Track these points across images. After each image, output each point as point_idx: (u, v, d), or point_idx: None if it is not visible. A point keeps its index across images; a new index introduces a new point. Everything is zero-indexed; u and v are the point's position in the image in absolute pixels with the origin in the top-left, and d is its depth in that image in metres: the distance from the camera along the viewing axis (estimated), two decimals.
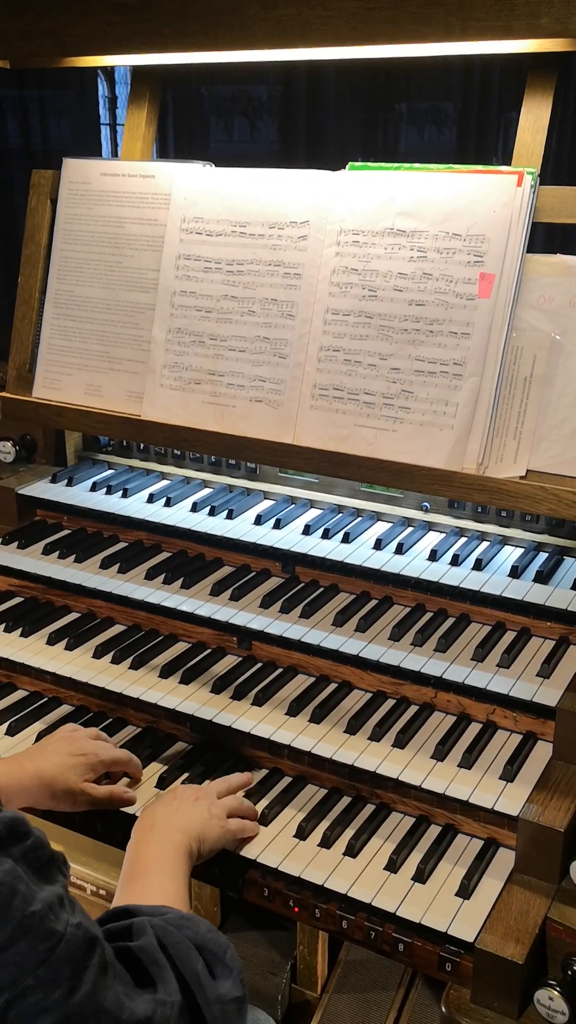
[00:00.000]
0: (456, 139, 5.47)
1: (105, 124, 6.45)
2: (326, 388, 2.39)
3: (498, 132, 5.41)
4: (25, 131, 5.71)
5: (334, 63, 2.40)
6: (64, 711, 2.33)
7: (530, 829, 1.79)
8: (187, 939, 1.38)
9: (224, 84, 5.72)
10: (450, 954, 1.71)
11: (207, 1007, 1.33)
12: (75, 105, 5.94)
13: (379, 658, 2.18)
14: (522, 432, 2.20)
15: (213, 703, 2.18)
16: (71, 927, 1.17)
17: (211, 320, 2.55)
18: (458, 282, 2.24)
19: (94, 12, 2.42)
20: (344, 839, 1.90)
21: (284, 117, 5.71)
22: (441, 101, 5.36)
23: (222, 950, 1.41)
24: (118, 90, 6.46)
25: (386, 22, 2.12)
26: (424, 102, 5.45)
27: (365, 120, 5.52)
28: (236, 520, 2.62)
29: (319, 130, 5.54)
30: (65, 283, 2.82)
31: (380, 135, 5.56)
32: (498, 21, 2.00)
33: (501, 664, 2.12)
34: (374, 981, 2.60)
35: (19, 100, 5.67)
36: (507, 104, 5.26)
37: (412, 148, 5.58)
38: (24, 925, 1.12)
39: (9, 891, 1.12)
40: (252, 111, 5.82)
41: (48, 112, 5.84)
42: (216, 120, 5.93)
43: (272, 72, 5.46)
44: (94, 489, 2.85)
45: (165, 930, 1.37)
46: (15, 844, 1.17)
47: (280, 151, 5.69)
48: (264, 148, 5.78)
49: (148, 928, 1.36)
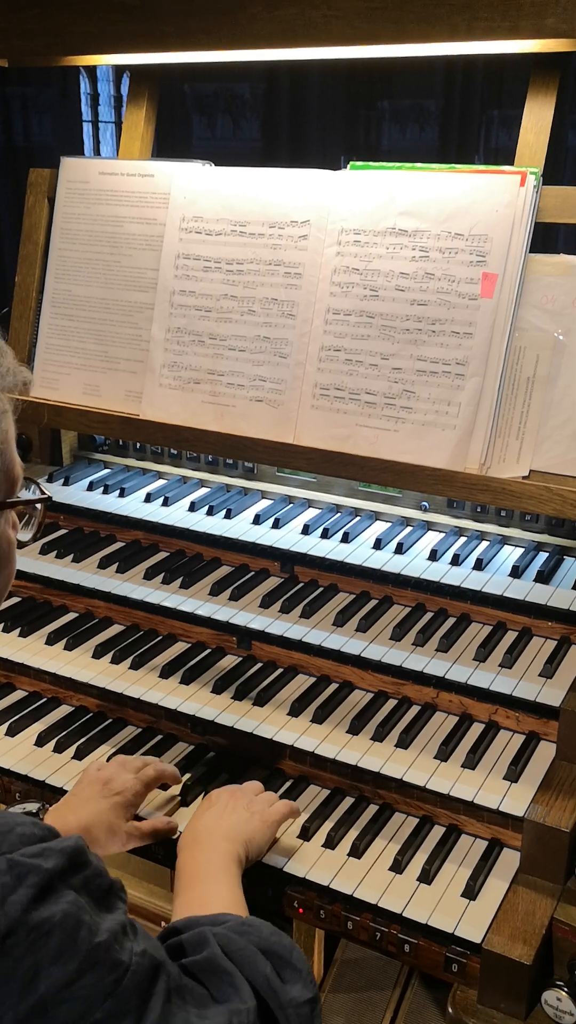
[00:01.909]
0: (438, 137, 5.48)
1: (87, 121, 6.43)
2: (327, 388, 2.39)
3: (480, 130, 5.43)
4: (7, 128, 5.68)
5: (317, 61, 2.40)
6: (63, 711, 2.32)
7: (535, 830, 1.79)
8: (251, 944, 1.37)
9: (207, 81, 5.71)
10: (456, 955, 1.71)
11: (281, 1012, 1.33)
12: (57, 102, 5.92)
13: (380, 658, 2.18)
14: (525, 432, 2.20)
15: (214, 703, 2.18)
16: (136, 956, 1.17)
17: (211, 319, 2.54)
18: (460, 282, 2.24)
19: (95, 11, 2.41)
20: (348, 840, 1.90)
21: (267, 114, 5.70)
22: (423, 99, 5.37)
23: (288, 952, 1.40)
24: (100, 87, 6.44)
25: (390, 22, 2.12)
26: (406, 100, 5.46)
27: (348, 118, 5.52)
28: (234, 520, 2.62)
29: (302, 127, 5.54)
30: (63, 282, 2.80)
31: (362, 133, 5.56)
32: (504, 21, 2.01)
33: (503, 664, 2.12)
34: (370, 980, 2.59)
35: (1, 97, 5.64)
36: (489, 102, 5.27)
37: (395, 146, 5.58)
38: (91, 958, 1.12)
39: (75, 923, 1.12)
40: (235, 108, 5.81)
41: (30, 109, 5.81)
42: (199, 117, 5.92)
43: (255, 70, 5.45)
44: (91, 488, 2.84)
45: (227, 938, 1.37)
46: (76, 874, 1.17)
47: (263, 148, 5.69)
48: (247, 145, 5.77)
49: (210, 939, 1.36)
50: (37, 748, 2.19)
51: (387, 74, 5.31)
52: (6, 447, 1.30)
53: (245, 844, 1.75)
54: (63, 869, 1.15)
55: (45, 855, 1.14)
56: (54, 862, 1.14)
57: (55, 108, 5.86)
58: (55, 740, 2.19)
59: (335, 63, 2.43)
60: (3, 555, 1.36)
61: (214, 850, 1.71)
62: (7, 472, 1.31)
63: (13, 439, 1.32)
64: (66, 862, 1.15)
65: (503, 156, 2.19)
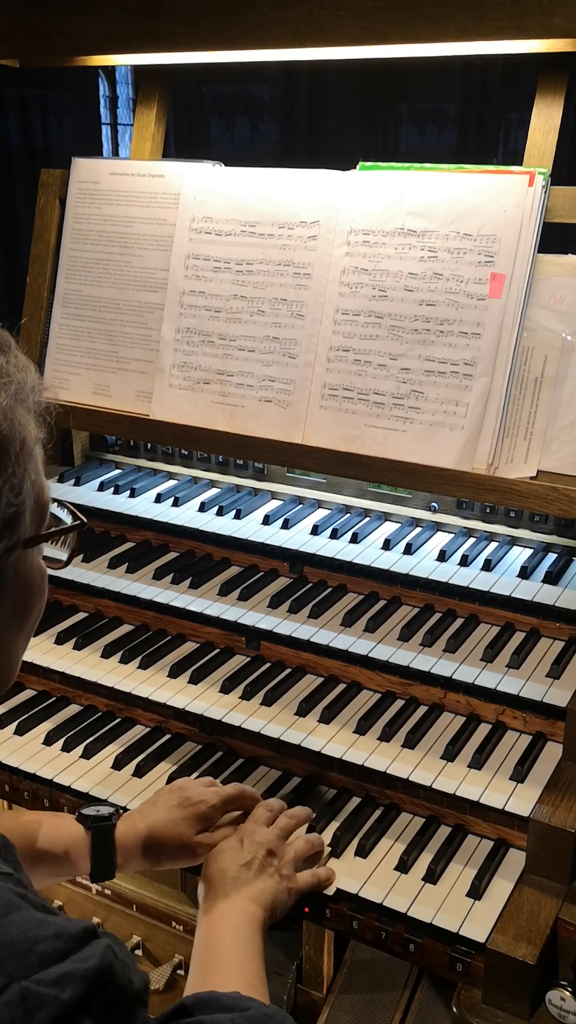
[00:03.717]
0: (457, 140, 5.46)
1: (106, 124, 6.44)
2: (336, 388, 2.39)
3: (499, 132, 5.41)
4: (26, 131, 5.69)
5: (335, 62, 2.39)
6: (72, 711, 2.33)
7: (541, 830, 1.79)
8: None
9: (225, 84, 5.71)
10: (461, 954, 1.71)
11: None
12: (76, 105, 5.92)
13: (388, 658, 2.18)
14: (533, 432, 2.20)
15: (222, 703, 2.18)
16: None
17: (220, 320, 2.55)
18: (469, 282, 2.24)
19: (105, 11, 2.42)
20: (355, 840, 1.90)
21: (285, 117, 5.69)
22: (442, 102, 5.35)
23: None
24: (119, 90, 6.45)
25: (399, 22, 2.12)
26: (425, 102, 5.44)
27: (366, 120, 5.51)
28: (244, 520, 2.62)
29: (320, 130, 5.53)
30: (74, 283, 2.81)
31: (381, 135, 5.55)
32: (511, 21, 2.00)
33: (511, 665, 2.12)
34: (380, 981, 2.59)
35: (20, 99, 5.66)
36: (508, 105, 5.25)
37: (413, 148, 5.57)
38: None
39: None
40: (253, 111, 5.81)
41: (49, 112, 5.82)
42: (217, 120, 5.92)
43: (273, 72, 5.45)
44: (101, 489, 2.85)
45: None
46: (98, 997, 1.08)
47: (281, 151, 5.68)
48: (265, 148, 5.77)
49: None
50: (45, 747, 2.20)
51: (405, 76, 5.31)
52: (37, 477, 1.23)
53: (272, 911, 1.70)
54: (83, 997, 1.06)
55: (63, 983, 1.05)
56: (72, 991, 1.05)
57: (74, 110, 5.87)
58: (63, 739, 2.20)
59: (352, 65, 2.43)
60: (37, 587, 1.30)
61: (244, 914, 1.66)
62: (38, 501, 1.25)
63: (42, 466, 1.28)
64: (87, 989, 1.06)
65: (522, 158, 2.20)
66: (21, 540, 1.21)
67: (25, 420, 1.19)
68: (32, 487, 1.21)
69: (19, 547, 1.21)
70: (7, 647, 1.29)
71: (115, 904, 2.53)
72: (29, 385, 1.23)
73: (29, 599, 1.30)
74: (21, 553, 1.23)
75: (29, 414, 1.21)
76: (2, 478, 1.14)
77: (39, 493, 1.25)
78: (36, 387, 1.24)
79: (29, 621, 1.32)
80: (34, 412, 1.23)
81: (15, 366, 1.22)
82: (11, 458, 1.15)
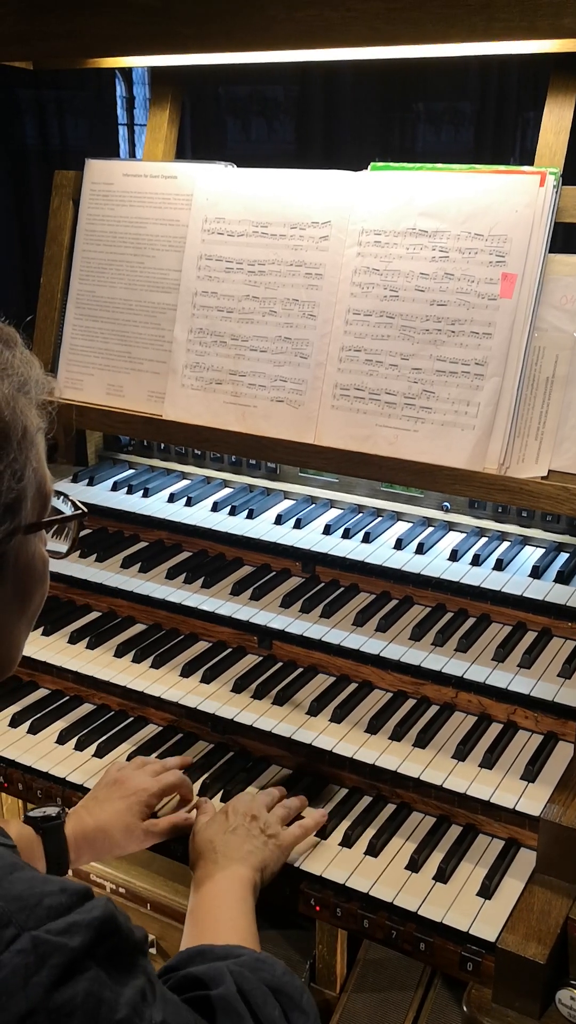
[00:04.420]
0: (474, 139, 5.45)
1: (123, 124, 6.46)
2: (347, 388, 2.40)
3: (516, 132, 5.40)
4: (43, 132, 5.72)
5: (351, 62, 2.40)
6: (85, 710, 2.34)
7: (552, 830, 1.79)
8: (263, 983, 1.37)
9: (241, 84, 5.72)
10: (471, 954, 1.71)
11: None
12: (93, 106, 5.94)
13: (400, 658, 2.19)
14: (544, 432, 2.20)
15: (234, 702, 2.19)
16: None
17: (232, 320, 2.56)
18: (480, 282, 2.24)
19: (115, 13, 2.43)
20: (365, 838, 1.91)
21: (301, 117, 5.69)
22: (458, 101, 5.34)
23: (299, 993, 1.40)
24: (135, 90, 6.46)
25: (409, 23, 2.11)
26: (441, 102, 5.43)
27: (382, 120, 5.50)
28: (256, 520, 2.62)
29: (336, 130, 5.53)
30: (87, 284, 2.83)
31: (397, 135, 5.54)
32: (522, 21, 2.00)
33: (522, 664, 2.12)
34: (393, 981, 2.59)
35: (37, 101, 5.68)
36: (525, 104, 5.24)
37: (429, 148, 5.56)
38: None
39: (96, 1002, 1.10)
40: (269, 111, 5.80)
41: (66, 113, 5.84)
42: (233, 120, 5.92)
43: (289, 72, 5.45)
44: (115, 489, 2.86)
45: (242, 976, 1.36)
46: (103, 945, 1.14)
47: (297, 151, 5.68)
48: (281, 148, 5.76)
49: (227, 975, 1.35)
50: (58, 746, 2.21)
51: (421, 76, 5.30)
52: (39, 465, 1.28)
53: (261, 871, 1.75)
54: (90, 944, 1.12)
55: (72, 932, 1.11)
56: (80, 939, 1.11)
57: (90, 111, 5.88)
58: (76, 738, 2.21)
59: (368, 65, 2.43)
60: (39, 574, 1.35)
61: (234, 876, 1.72)
62: (40, 489, 1.30)
63: (44, 456, 1.32)
64: (93, 936, 1.12)
65: None
66: (22, 525, 1.25)
67: (27, 409, 1.24)
68: (34, 475, 1.26)
69: (20, 532, 1.25)
70: (9, 631, 1.33)
71: (129, 903, 2.54)
72: (33, 379, 1.27)
73: (30, 585, 1.33)
74: (23, 539, 1.27)
75: (31, 405, 1.26)
76: (3, 463, 1.18)
77: (41, 481, 1.30)
78: (40, 381, 1.29)
79: (30, 607, 1.36)
80: (36, 403, 1.27)
81: (20, 360, 1.26)
82: (12, 444, 1.19)
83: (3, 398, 1.20)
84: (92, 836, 1.85)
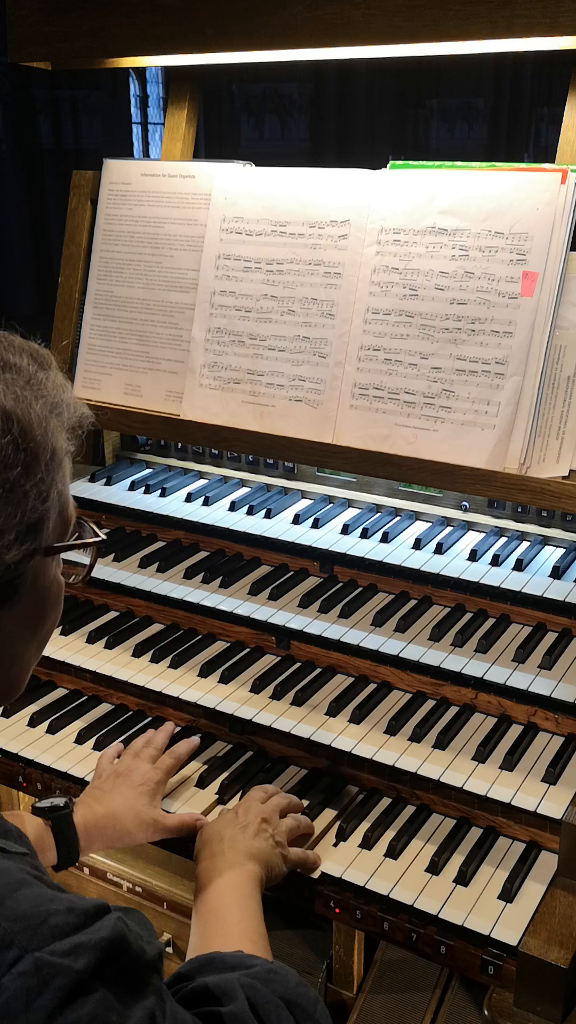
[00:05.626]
0: (487, 135, 5.45)
1: (136, 123, 6.47)
2: (366, 387, 2.39)
3: (529, 128, 5.39)
4: (57, 131, 5.73)
5: (365, 60, 2.39)
6: (103, 709, 2.33)
7: (573, 832, 1.77)
8: (276, 996, 1.34)
9: (255, 82, 5.71)
10: (492, 957, 1.70)
11: None
12: (107, 105, 5.94)
13: (419, 658, 2.17)
14: (565, 432, 2.18)
15: (252, 703, 2.18)
16: None
17: (251, 320, 2.55)
18: (500, 280, 2.23)
19: (135, 13, 2.43)
20: (385, 840, 1.90)
21: (315, 115, 5.69)
22: (472, 97, 5.34)
23: (312, 1005, 1.37)
24: (149, 89, 6.47)
25: (430, 20, 2.11)
26: (455, 98, 5.42)
27: (396, 117, 5.50)
28: (274, 519, 2.62)
29: (350, 127, 5.52)
30: (105, 283, 2.82)
31: (411, 132, 5.54)
32: (544, 18, 1.99)
33: (543, 666, 2.11)
34: (410, 982, 2.58)
35: (51, 100, 5.69)
36: (538, 100, 5.23)
37: (443, 145, 5.56)
38: None
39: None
40: (283, 109, 5.80)
41: (80, 112, 5.86)
42: (247, 118, 5.92)
43: (303, 70, 5.45)
44: (132, 488, 2.85)
45: (255, 989, 1.33)
46: (111, 966, 1.11)
47: (311, 149, 5.68)
48: (295, 146, 5.76)
49: (238, 991, 1.32)
50: (77, 746, 2.20)
51: (435, 72, 5.29)
52: (64, 488, 1.29)
53: (268, 869, 1.75)
54: (96, 966, 1.08)
55: (77, 953, 1.08)
56: (86, 961, 1.08)
57: (104, 110, 5.89)
58: (95, 738, 2.21)
59: (382, 61, 2.43)
60: (54, 598, 1.36)
61: (242, 871, 1.71)
62: (62, 513, 1.30)
63: (69, 481, 1.33)
64: (100, 957, 1.09)
65: (553, 154, 2.18)
66: (42, 547, 1.26)
67: (58, 432, 1.25)
68: (58, 497, 1.27)
69: (39, 553, 1.26)
70: (19, 652, 1.34)
71: (145, 901, 2.54)
72: (66, 402, 1.29)
73: (45, 607, 1.35)
74: (41, 561, 1.28)
75: (62, 428, 1.27)
76: (31, 483, 1.19)
77: (64, 505, 1.31)
78: (72, 405, 1.31)
79: (42, 630, 1.37)
80: (66, 427, 1.29)
81: (53, 384, 1.28)
82: (41, 465, 1.21)
83: (36, 418, 1.20)
84: (103, 823, 1.86)
